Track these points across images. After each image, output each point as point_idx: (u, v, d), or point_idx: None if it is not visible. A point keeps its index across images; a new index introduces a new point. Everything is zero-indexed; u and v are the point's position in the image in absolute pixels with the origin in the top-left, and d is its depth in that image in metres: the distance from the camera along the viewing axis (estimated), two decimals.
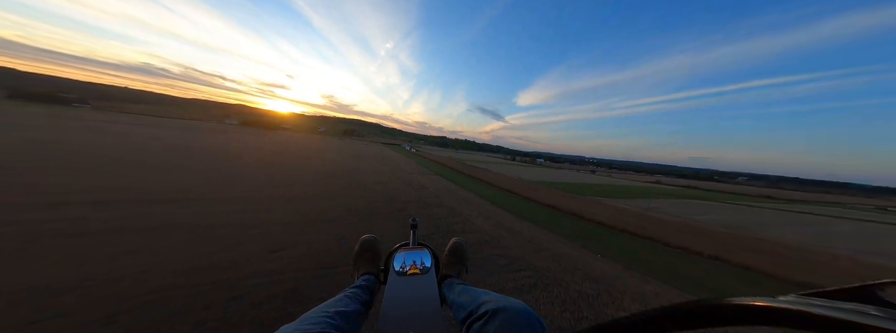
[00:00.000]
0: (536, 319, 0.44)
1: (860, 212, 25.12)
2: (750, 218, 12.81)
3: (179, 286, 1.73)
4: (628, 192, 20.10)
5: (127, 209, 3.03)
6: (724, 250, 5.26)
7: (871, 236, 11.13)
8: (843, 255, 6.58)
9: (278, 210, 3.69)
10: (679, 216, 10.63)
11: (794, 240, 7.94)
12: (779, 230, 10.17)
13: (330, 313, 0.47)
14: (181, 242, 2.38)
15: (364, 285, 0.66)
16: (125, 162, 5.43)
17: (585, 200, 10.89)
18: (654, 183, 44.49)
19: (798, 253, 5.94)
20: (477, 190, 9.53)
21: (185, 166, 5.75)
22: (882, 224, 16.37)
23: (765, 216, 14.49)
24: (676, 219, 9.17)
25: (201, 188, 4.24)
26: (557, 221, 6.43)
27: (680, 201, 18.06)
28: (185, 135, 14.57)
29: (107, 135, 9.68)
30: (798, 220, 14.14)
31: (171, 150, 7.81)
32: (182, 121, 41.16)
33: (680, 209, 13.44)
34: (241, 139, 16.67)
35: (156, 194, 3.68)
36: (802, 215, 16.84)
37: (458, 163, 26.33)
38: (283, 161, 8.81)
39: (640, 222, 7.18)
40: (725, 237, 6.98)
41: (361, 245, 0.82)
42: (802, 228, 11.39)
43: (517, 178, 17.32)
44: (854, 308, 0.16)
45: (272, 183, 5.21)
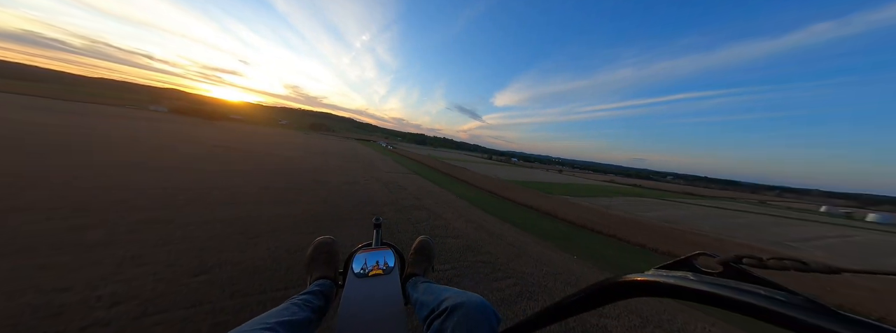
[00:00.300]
0: (492, 312, 0.46)
1: (750, 206, 32.59)
2: (681, 214, 15.68)
3: None
4: (590, 191, 22.63)
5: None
6: (671, 243, 6.25)
7: (746, 225, 14.49)
8: (724, 238, 8.69)
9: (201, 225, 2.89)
10: (632, 213, 12.38)
11: (700, 229, 10.10)
12: (695, 222, 12.67)
13: (270, 323, 0.42)
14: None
15: (317, 290, 0.60)
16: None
17: (557, 199, 11.83)
18: (608, 182, 51.20)
19: (695, 238, 7.65)
20: (457, 190, 9.42)
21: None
22: (757, 214, 21.72)
23: (686, 211, 17.69)
24: (630, 217, 10.60)
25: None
26: (534, 222, 6.70)
27: (631, 199, 20.85)
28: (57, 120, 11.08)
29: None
30: (712, 214, 17.57)
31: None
32: (78, 103, 31.51)
33: (632, 206, 15.59)
34: (167, 129, 13.50)
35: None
36: (714, 210, 21.08)
37: (437, 161, 26.07)
38: (219, 158, 7.33)
39: (603, 220, 8.08)
40: (675, 233, 8.38)
41: (316, 247, 0.75)
42: (709, 221, 14.17)
43: (495, 178, 17.90)
44: (681, 275, 0.24)
45: (198, 186, 4.20)
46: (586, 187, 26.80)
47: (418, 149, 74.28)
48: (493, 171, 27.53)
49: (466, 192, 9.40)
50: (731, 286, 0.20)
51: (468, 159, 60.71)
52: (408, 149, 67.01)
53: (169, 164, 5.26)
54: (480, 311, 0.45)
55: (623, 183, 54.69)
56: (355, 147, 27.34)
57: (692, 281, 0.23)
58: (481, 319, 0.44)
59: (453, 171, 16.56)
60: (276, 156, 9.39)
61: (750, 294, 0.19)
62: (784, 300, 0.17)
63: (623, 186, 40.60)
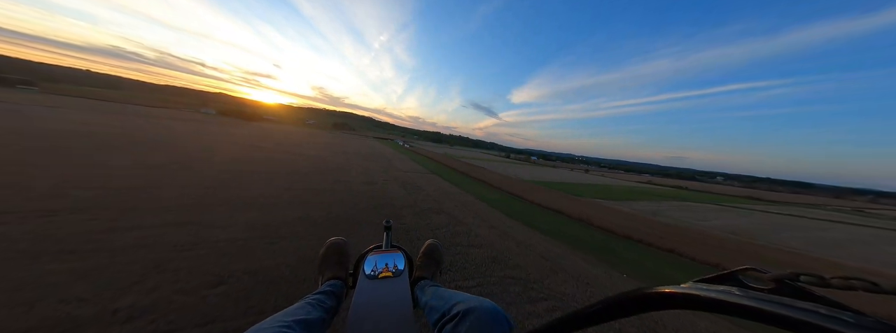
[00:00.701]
0: (504, 317, 0.46)
1: (843, 215, 26.97)
2: (752, 223, 13.11)
3: None
4: (627, 194, 20.51)
5: None
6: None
7: (845, 241, 11.55)
8: (821, 257, 6.89)
9: (228, 224, 2.95)
10: (687, 222, 10.77)
11: (789, 246, 8.20)
12: (772, 235, 10.38)
13: (288, 322, 0.45)
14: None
15: (329, 291, 0.63)
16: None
17: (588, 203, 10.87)
18: (646, 183, 46.09)
19: (788, 258, 6.25)
20: (477, 192, 9.05)
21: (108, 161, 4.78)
22: (855, 225, 17.58)
23: (754, 219, 14.89)
24: (687, 226, 9.22)
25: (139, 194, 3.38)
26: (564, 229, 6.05)
27: (681, 204, 18.49)
28: (134, 122, 13.02)
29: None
30: (794, 225, 14.53)
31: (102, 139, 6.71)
32: (147, 107, 37.99)
33: (684, 213, 13.61)
34: (212, 130, 15.19)
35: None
36: (794, 218, 17.65)
37: (455, 160, 25.78)
38: (252, 156, 7.84)
39: (653, 230, 7.02)
40: (751, 249, 6.97)
41: (328, 248, 0.80)
42: (788, 233, 11.60)
43: (515, 178, 17.07)
44: (725, 289, 0.23)
45: (227, 185, 4.44)
46: (621, 189, 24.49)
47: (435, 148, 74.94)
48: (512, 170, 26.41)
49: (486, 194, 9.00)
50: (785, 303, 0.19)
51: (485, 158, 59.54)
52: (424, 147, 68.01)
53: (203, 166, 5.70)
54: (493, 316, 0.45)
55: (663, 184, 48.85)
56: (374, 146, 28.18)
57: (738, 296, 0.21)
58: (494, 324, 0.44)
59: (472, 171, 16.11)
60: (302, 156, 9.86)
61: (808, 312, 0.17)
62: (852, 321, 0.16)
63: (664, 188, 36.25)
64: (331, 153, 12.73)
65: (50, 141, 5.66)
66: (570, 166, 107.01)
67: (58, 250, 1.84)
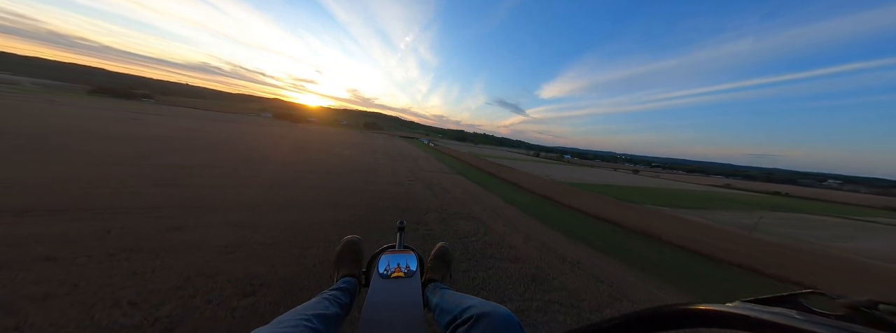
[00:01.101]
0: (518, 324, 0.47)
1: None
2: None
3: None
4: (700, 200, 16.74)
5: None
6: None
7: None
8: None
9: (266, 228, 3.10)
10: (812, 242, 7.65)
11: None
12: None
13: (307, 316, 0.47)
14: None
15: (344, 287, 0.66)
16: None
17: (646, 211, 9.00)
18: (722, 187, 37.41)
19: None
20: (507, 194, 8.34)
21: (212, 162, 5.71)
22: None
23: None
24: (811, 247, 6.46)
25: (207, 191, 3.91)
26: (624, 244, 4.97)
27: (787, 215, 14.35)
28: (210, 126, 15.71)
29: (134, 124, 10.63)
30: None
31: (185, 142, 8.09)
32: (224, 114, 47.17)
33: (801, 230, 9.90)
34: (269, 132, 17.59)
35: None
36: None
37: (480, 159, 24.99)
38: (298, 157, 8.63)
39: (758, 252, 5.15)
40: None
41: (344, 245, 0.84)
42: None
43: (549, 179, 15.56)
44: (782, 312, 0.21)
45: (268, 185, 4.85)
46: (689, 194, 20.29)
47: (459, 146, 74.55)
48: (544, 170, 24.32)
49: (517, 197, 8.19)
50: (858, 332, 0.17)
51: (512, 156, 56.73)
52: (448, 145, 68.13)
53: (306, 158, 7.33)
54: (507, 323, 0.46)
55: (748, 188, 38.97)
56: (400, 145, 29.00)
57: (799, 320, 0.19)
58: (508, 331, 0.45)
59: (499, 171, 15.22)
60: (335, 156, 10.60)
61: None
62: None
63: (752, 194, 28.86)
64: (361, 153, 13.43)
65: (180, 143, 7.89)
66: (613, 166, 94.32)
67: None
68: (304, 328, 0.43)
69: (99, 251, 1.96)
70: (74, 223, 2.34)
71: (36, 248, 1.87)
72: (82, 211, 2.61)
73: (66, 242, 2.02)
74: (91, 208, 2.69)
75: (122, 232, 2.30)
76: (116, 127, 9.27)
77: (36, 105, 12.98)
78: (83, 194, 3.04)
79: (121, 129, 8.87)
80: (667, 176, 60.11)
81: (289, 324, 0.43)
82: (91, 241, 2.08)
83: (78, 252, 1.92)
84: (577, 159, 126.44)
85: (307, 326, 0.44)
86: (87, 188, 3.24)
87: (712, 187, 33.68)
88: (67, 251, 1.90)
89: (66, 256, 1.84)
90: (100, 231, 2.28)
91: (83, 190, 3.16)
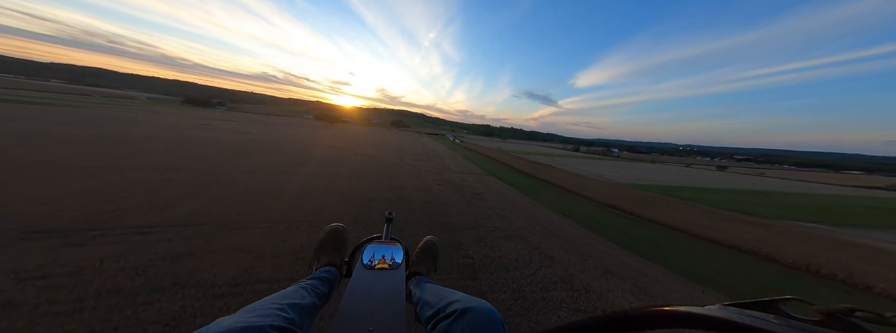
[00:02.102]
0: (500, 321, 0.48)
1: None
2: None
3: None
4: (883, 217, 9.93)
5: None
6: None
7: None
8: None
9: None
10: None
11: None
12: None
13: (282, 305, 0.47)
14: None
15: (324, 277, 0.66)
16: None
17: (802, 234, 5.44)
18: (889, 189, 25.46)
19: None
20: (555, 202, 7.00)
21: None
22: None
23: None
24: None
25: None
26: (787, 286, 3.19)
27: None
28: (263, 129, 17.13)
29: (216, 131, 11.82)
30: None
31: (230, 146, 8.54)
32: (276, 117, 54.36)
33: None
34: (309, 134, 18.99)
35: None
36: None
37: (512, 156, 23.10)
38: (329, 159, 8.71)
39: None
40: None
41: (327, 233, 0.83)
42: None
43: (605, 180, 13.06)
44: (760, 316, 0.22)
45: (295, 193, 4.58)
46: (858, 204, 13.35)
47: (486, 142, 72.00)
48: (592, 168, 21.06)
49: (569, 206, 6.75)
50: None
51: (547, 151, 52.21)
52: (475, 141, 66.34)
53: (337, 158, 7.99)
54: (489, 318, 0.47)
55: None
56: (426, 143, 28.79)
57: (777, 325, 0.20)
58: (490, 325, 0.46)
59: (538, 171, 13.49)
60: (363, 156, 10.55)
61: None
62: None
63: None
64: (387, 152, 13.33)
65: (255, 146, 9.16)
66: (681, 160, 77.66)
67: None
68: (276, 316, 0.42)
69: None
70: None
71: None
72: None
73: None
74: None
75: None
76: (198, 132, 10.69)
77: (148, 117, 16.22)
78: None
79: (206, 134, 10.41)
80: (775, 173, 44.30)
81: (260, 313, 0.42)
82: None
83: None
84: (626, 152, 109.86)
85: (280, 315, 0.43)
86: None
87: (875, 190, 23.19)
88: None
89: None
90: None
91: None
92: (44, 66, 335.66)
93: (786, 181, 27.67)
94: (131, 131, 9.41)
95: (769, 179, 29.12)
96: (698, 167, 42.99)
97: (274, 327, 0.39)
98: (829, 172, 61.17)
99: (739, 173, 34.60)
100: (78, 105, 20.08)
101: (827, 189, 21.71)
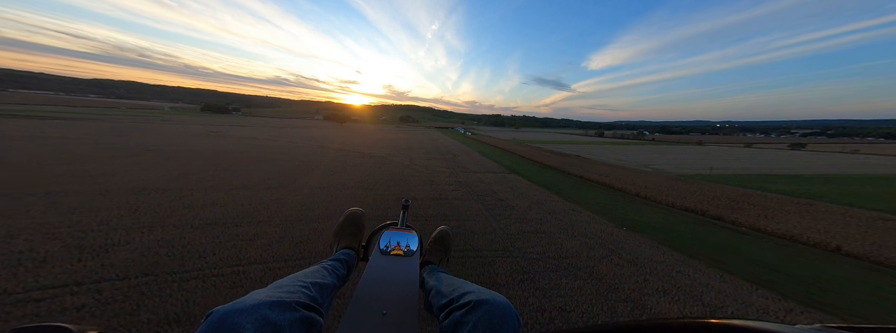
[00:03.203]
0: (515, 315, 0.48)
1: None
2: None
3: None
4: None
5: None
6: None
7: None
8: None
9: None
10: None
11: None
12: None
13: (306, 283, 0.51)
14: None
15: (343, 259, 0.70)
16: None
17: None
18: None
19: None
20: (607, 206, 5.53)
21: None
22: None
23: None
24: None
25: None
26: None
27: None
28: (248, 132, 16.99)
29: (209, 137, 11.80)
30: None
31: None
32: (288, 119, 55.66)
33: None
34: (317, 135, 18.45)
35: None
36: None
37: (531, 147, 21.35)
38: (334, 166, 8.00)
39: None
40: None
41: (346, 217, 0.89)
42: None
43: (658, 172, 11.11)
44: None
45: (291, 219, 3.87)
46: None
47: (499, 133, 69.40)
48: (631, 156, 18.63)
49: (632, 213, 5.06)
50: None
51: (568, 139, 48.96)
52: (487, 133, 64.12)
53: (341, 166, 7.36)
54: (505, 311, 0.47)
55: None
56: (436, 138, 27.84)
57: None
58: (505, 318, 0.46)
59: (567, 163, 11.94)
60: (370, 158, 9.83)
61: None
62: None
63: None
64: (395, 152, 12.55)
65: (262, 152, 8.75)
66: (730, 140, 67.25)
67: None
68: (301, 294, 0.46)
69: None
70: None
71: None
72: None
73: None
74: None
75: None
76: (203, 141, 10.38)
77: (161, 127, 16.55)
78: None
79: (211, 143, 9.85)
80: (871, 149, 34.24)
81: (287, 290, 0.45)
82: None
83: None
84: (658, 134, 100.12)
85: (304, 293, 0.47)
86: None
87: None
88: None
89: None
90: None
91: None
92: (85, 82, 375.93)
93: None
94: (130, 142, 9.33)
95: (876, 158, 22.88)
96: (763, 147, 36.21)
97: (299, 303, 0.43)
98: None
99: (822, 152, 28.02)
100: (96, 118, 20.88)
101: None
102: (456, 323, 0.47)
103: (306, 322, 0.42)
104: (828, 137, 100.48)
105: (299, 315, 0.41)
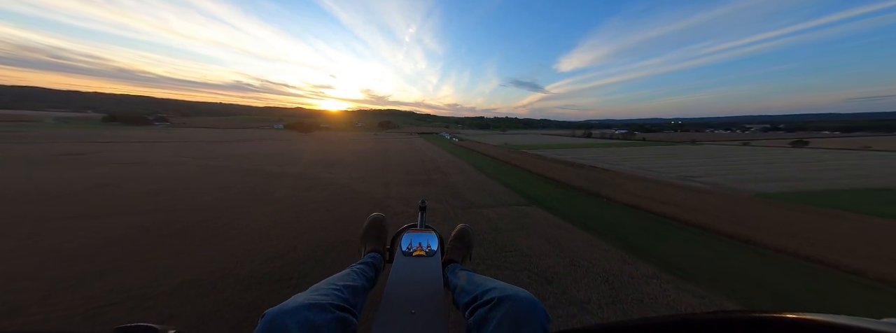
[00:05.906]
0: (542, 309, 0.50)
1: None
2: None
3: None
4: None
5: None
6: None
7: None
8: None
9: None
10: None
11: None
12: None
13: (339, 286, 0.56)
14: None
15: (370, 262, 0.79)
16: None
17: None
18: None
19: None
20: (760, 282, 3.47)
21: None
22: None
23: None
24: None
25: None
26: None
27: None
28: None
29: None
30: None
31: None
32: (235, 130, 48.50)
33: None
34: (256, 154, 14.72)
35: None
36: None
37: (530, 155, 19.80)
38: (266, 210, 5.18)
39: None
40: None
41: (370, 222, 1.01)
42: None
43: (733, 192, 9.37)
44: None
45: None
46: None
47: (486, 137, 69.00)
48: (648, 163, 17.55)
49: (810, 292, 3.21)
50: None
51: (560, 142, 49.61)
52: (474, 137, 63.18)
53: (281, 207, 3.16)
54: (531, 307, 0.49)
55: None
56: (420, 148, 24.95)
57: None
58: (531, 314, 0.48)
59: (591, 182, 9.86)
60: (324, 192, 6.92)
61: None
62: None
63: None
64: (368, 173, 9.78)
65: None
66: (721, 138, 74.50)
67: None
68: (335, 297, 0.51)
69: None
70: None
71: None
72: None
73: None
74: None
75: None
76: (38, 172, 6.03)
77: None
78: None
79: (44, 176, 5.71)
80: (869, 143, 37.17)
81: (323, 292, 0.51)
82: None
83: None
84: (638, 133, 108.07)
85: (338, 295, 0.52)
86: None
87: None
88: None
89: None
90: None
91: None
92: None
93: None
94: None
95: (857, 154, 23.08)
96: (762, 146, 34.81)
97: (333, 305, 0.47)
98: (883, 135, 57.42)
99: (831, 149, 28.30)
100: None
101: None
102: (481, 320, 0.49)
103: (341, 322, 0.46)
104: (787, 131, 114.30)
105: (335, 316, 0.46)
